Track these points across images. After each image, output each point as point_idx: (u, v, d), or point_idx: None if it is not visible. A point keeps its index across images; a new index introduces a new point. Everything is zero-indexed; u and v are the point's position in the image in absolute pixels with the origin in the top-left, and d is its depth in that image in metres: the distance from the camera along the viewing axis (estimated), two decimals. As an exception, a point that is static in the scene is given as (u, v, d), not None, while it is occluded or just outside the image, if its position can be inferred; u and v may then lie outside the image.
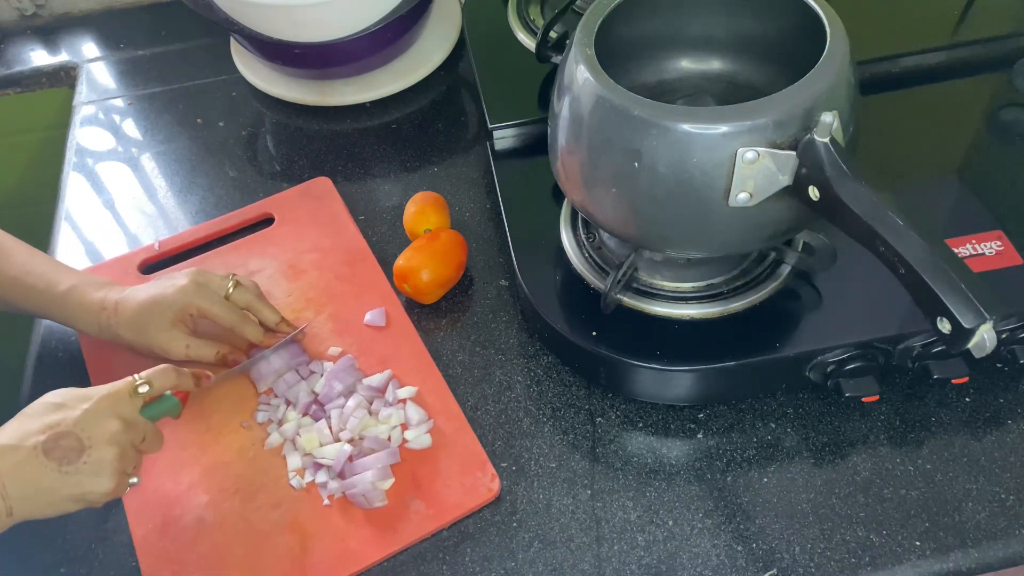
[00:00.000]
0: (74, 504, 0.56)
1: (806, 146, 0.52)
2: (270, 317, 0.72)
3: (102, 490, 0.56)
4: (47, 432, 0.54)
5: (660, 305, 0.66)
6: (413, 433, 0.66)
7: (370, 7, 0.86)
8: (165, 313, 0.67)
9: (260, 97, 0.97)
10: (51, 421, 0.55)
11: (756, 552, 0.60)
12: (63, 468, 0.54)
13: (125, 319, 0.67)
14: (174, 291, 0.67)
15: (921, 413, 0.66)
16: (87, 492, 0.55)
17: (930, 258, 0.48)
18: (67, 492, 0.55)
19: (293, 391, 0.69)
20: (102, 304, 0.68)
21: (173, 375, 0.62)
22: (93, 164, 0.94)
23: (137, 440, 0.59)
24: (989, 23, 0.83)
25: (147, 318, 0.67)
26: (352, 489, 0.62)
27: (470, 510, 0.64)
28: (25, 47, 1.08)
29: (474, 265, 0.79)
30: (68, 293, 0.68)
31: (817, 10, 0.58)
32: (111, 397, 0.57)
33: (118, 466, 0.56)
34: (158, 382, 0.60)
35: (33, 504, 0.54)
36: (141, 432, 0.59)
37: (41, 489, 0.54)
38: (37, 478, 0.54)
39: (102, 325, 0.68)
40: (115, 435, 0.56)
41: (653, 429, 0.67)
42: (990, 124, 0.78)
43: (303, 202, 0.85)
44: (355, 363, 0.70)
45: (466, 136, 0.92)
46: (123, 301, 0.67)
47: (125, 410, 0.58)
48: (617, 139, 0.56)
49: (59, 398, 0.57)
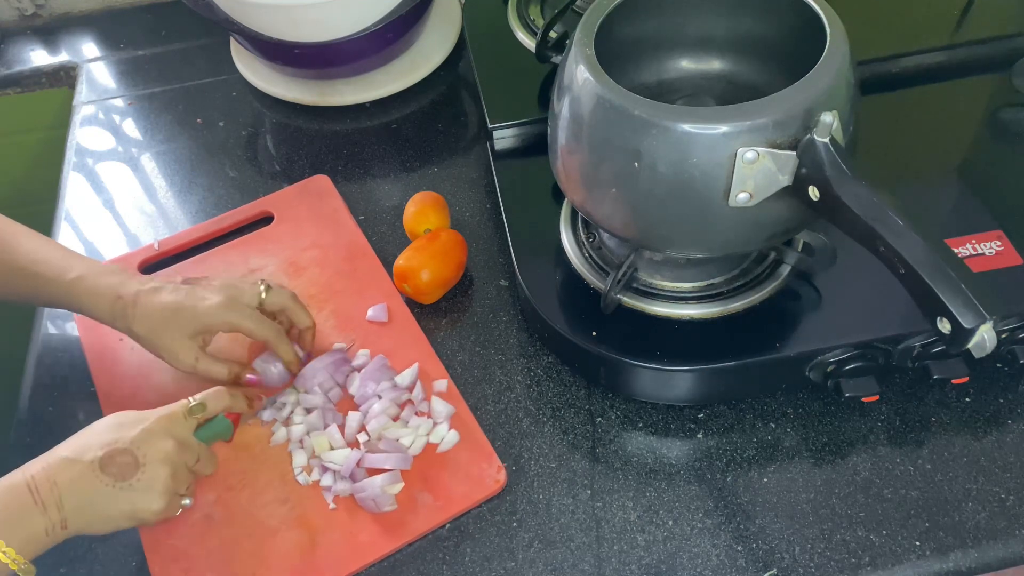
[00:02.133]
0: (127, 521, 0.57)
1: (806, 146, 0.52)
2: (304, 320, 0.70)
3: (154, 508, 0.57)
4: (105, 448, 0.56)
5: (660, 305, 0.66)
6: (440, 434, 0.66)
7: (370, 7, 0.86)
8: (187, 325, 0.65)
9: (260, 97, 0.97)
10: (110, 439, 0.57)
11: (756, 552, 0.61)
12: (118, 484, 0.56)
13: (143, 315, 0.65)
14: (205, 308, 0.65)
15: (921, 413, 0.66)
16: (139, 509, 0.57)
17: (930, 258, 0.48)
18: (120, 508, 0.56)
19: (307, 397, 0.69)
20: (117, 292, 0.66)
21: (226, 397, 0.63)
22: (93, 164, 0.94)
23: (191, 461, 0.60)
24: (989, 23, 0.83)
25: (166, 324, 0.65)
26: (361, 493, 0.63)
27: (478, 501, 0.64)
28: (25, 47, 1.08)
29: (474, 265, 0.79)
30: (78, 280, 0.67)
31: (817, 10, 0.58)
32: (167, 418, 0.59)
33: (170, 485, 0.58)
34: (212, 404, 0.62)
35: (87, 518, 0.56)
36: (195, 453, 0.60)
37: (96, 503, 0.56)
38: (92, 492, 0.55)
39: (116, 313, 0.66)
40: (169, 455, 0.58)
41: (653, 429, 0.67)
42: (990, 124, 0.78)
43: (302, 200, 0.85)
44: (387, 363, 0.70)
45: (466, 136, 0.92)
46: (144, 295, 0.66)
47: (179, 431, 0.60)
48: (617, 139, 0.56)
49: (119, 419, 0.59)
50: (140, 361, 0.73)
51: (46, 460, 0.56)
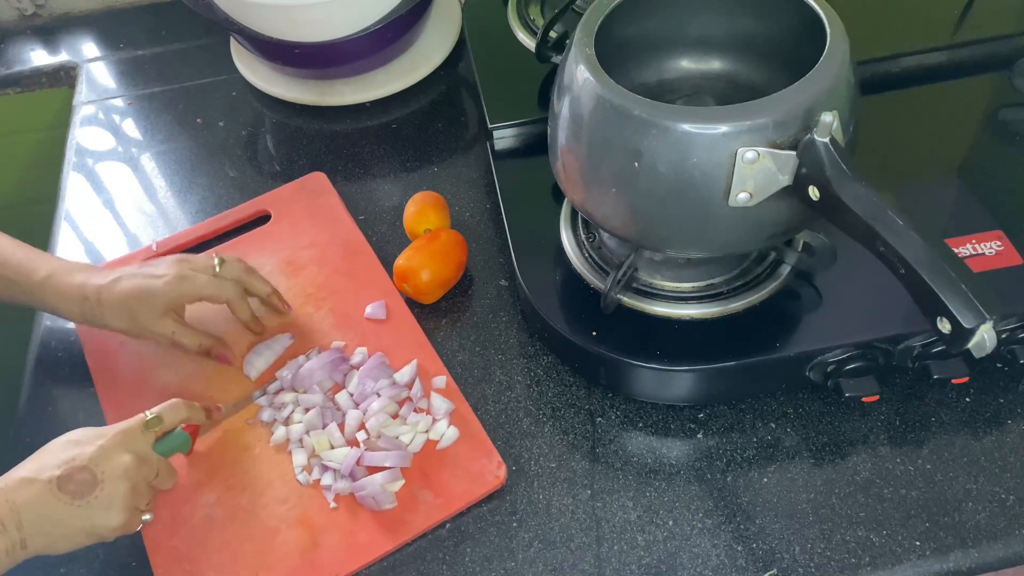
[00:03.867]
0: (86, 538, 0.57)
1: (806, 146, 0.52)
2: (261, 288, 0.72)
3: (112, 524, 0.57)
4: (63, 467, 0.56)
5: (660, 305, 0.66)
6: (440, 430, 0.66)
7: (370, 7, 0.86)
8: (155, 304, 0.67)
9: (260, 97, 0.97)
10: (67, 456, 0.57)
11: (756, 552, 0.61)
12: (76, 502, 0.55)
13: (111, 309, 0.67)
14: (163, 284, 0.67)
15: (921, 413, 0.66)
16: (98, 526, 0.56)
17: (930, 258, 0.48)
18: (79, 525, 0.56)
19: (307, 396, 0.69)
20: (82, 292, 0.67)
21: (183, 409, 0.63)
22: (93, 164, 0.94)
23: (150, 476, 0.60)
24: (989, 23, 0.83)
25: (136, 309, 0.67)
26: (361, 491, 0.63)
27: (478, 497, 0.64)
28: (25, 47, 1.09)
29: (474, 265, 0.79)
30: (45, 281, 0.68)
31: (817, 10, 0.58)
32: (124, 433, 0.59)
33: (130, 501, 0.57)
34: (168, 416, 0.62)
35: (47, 537, 0.55)
36: (154, 468, 0.60)
37: (55, 521, 0.55)
38: (51, 510, 0.55)
39: (85, 314, 0.68)
40: (127, 470, 0.57)
41: (653, 429, 0.67)
42: (990, 124, 0.78)
43: (299, 198, 0.85)
44: (386, 360, 0.70)
45: (466, 136, 0.92)
46: (105, 290, 0.67)
47: (138, 445, 0.59)
48: (617, 139, 0.56)
49: (77, 435, 0.59)
50: (140, 361, 0.74)
51: (4, 481, 0.56)
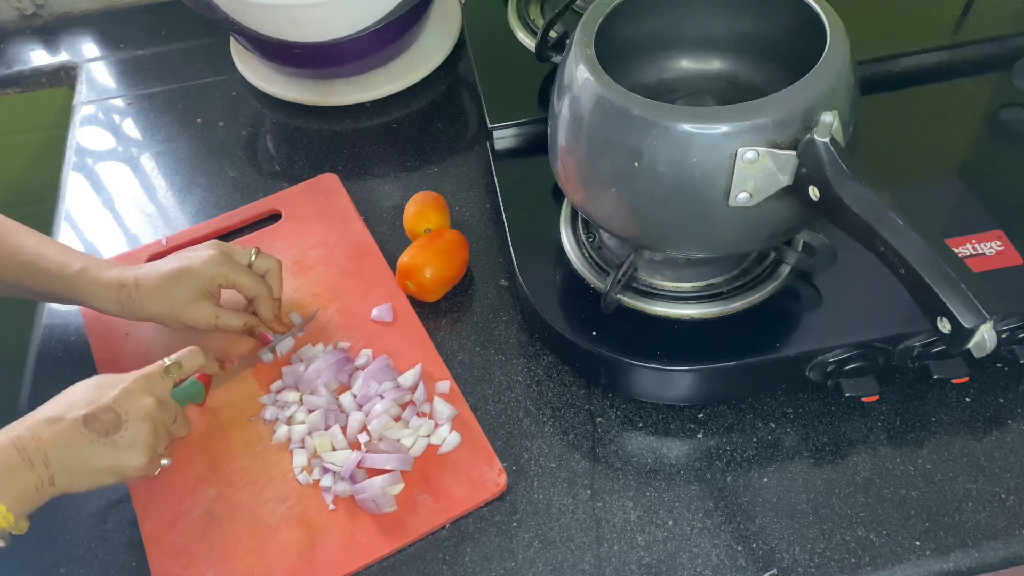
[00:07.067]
0: (110, 476, 0.59)
1: (806, 146, 0.52)
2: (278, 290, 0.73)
3: (136, 463, 0.59)
4: (88, 406, 0.58)
5: (660, 305, 0.66)
6: (441, 435, 0.66)
7: (370, 7, 0.86)
8: (194, 284, 0.68)
9: (260, 97, 0.97)
10: (91, 397, 0.59)
11: (756, 552, 0.61)
12: (101, 440, 0.58)
13: (149, 293, 0.68)
14: (201, 263, 0.68)
15: (921, 413, 0.66)
16: (122, 464, 0.59)
17: (930, 258, 0.48)
18: (104, 463, 0.58)
19: (311, 398, 0.69)
20: (120, 282, 0.68)
21: (200, 357, 0.65)
22: (93, 164, 0.94)
23: (168, 421, 0.62)
24: (989, 23, 0.83)
25: (173, 291, 0.68)
26: (362, 494, 0.62)
27: (478, 503, 0.64)
28: (25, 47, 1.09)
29: (474, 265, 0.79)
30: (81, 273, 0.69)
31: (817, 10, 0.58)
32: (145, 378, 0.62)
33: (152, 442, 0.60)
34: (187, 363, 0.64)
35: (72, 474, 0.57)
36: (172, 413, 0.63)
37: (81, 459, 0.57)
38: (77, 448, 0.57)
39: (123, 303, 0.68)
40: (149, 412, 0.60)
41: (653, 429, 0.67)
42: (990, 124, 0.78)
43: (310, 198, 0.85)
44: (390, 363, 0.70)
45: (466, 136, 0.92)
46: (143, 276, 0.68)
47: (157, 389, 0.62)
48: (617, 139, 0.56)
49: (98, 380, 0.61)
50: (145, 356, 0.74)
51: (28, 421, 0.58)
